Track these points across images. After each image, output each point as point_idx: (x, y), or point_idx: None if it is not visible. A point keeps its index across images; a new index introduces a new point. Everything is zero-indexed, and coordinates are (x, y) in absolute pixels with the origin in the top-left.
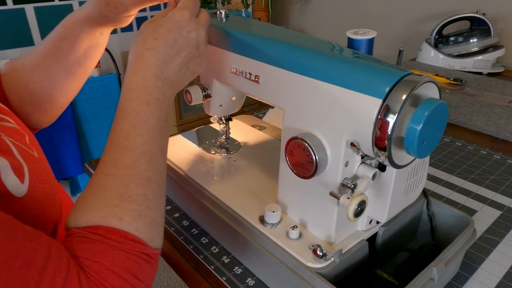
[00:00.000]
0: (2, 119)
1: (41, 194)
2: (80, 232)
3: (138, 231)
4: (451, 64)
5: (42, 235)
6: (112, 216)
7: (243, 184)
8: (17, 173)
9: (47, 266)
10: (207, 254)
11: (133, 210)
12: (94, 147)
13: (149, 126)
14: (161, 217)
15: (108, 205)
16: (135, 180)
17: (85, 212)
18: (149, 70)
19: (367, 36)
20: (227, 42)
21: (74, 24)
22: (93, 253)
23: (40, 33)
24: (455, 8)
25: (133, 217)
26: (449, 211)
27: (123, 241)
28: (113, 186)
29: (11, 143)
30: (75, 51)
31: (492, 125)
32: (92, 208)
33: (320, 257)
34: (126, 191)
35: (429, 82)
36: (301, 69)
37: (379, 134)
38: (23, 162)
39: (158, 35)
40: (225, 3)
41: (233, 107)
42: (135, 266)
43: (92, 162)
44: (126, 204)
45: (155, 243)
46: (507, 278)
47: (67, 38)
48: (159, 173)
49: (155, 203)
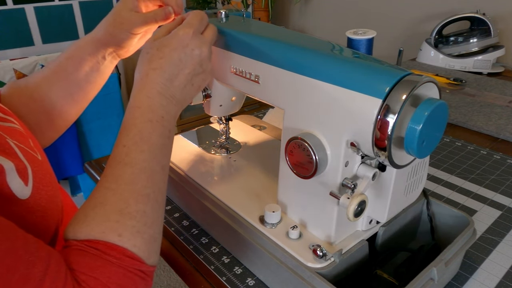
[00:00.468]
0: (7, 120)
1: (44, 196)
2: (79, 245)
3: (136, 248)
4: (451, 64)
5: (42, 246)
6: (112, 231)
7: (243, 184)
8: (22, 175)
9: (44, 280)
10: (207, 254)
11: (132, 226)
12: (94, 147)
13: (151, 143)
14: (158, 234)
15: (108, 220)
16: (135, 197)
17: (84, 225)
18: (154, 88)
19: (367, 36)
20: (227, 42)
21: (81, 45)
22: (91, 268)
23: (40, 33)
24: (455, 8)
25: (132, 234)
26: (449, 211)
27: (121, 257)
28: (113, 201)
29: (16, 145)
30: (77, 72)
31: (492, 125)
32: (92, 222)
33: (320, 257)
34: (126, 207)
35: (429, 82)
36: (301, 69)
37: (379, 134)
38: (28, 164)
39: (163, 54)
40: (225, 3)
41: (233, 107)
42: (131, 284)
43: (92, 162)
44: (125, 220)
45: (151, 260)
46: (507, 278)
47: (72, 58)
48: (158, 190)
49: (153, 220)
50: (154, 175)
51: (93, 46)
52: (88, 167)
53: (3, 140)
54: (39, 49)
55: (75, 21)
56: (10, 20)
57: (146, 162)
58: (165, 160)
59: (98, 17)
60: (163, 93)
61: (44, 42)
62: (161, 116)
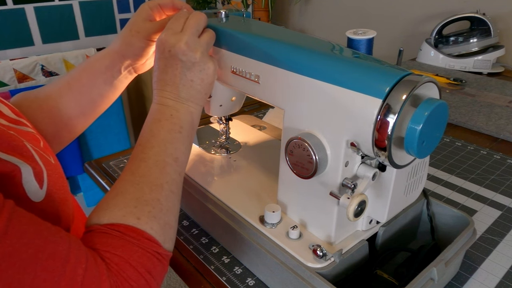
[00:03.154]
0: (21, 123)
1: (57, 199)
2: (102, 228)
3: (153, 231)
4: (451, 64)
5: (61, 230)
6: (131, 215)
7: (243, 184)
8: (38, 178)
9: (69, 257)
10: (207, 254)
11: (148, 211)
12: (94, 147)
13: (160, 139)
14: (174, 222)
15: (128, 206)
16: (149, 187)
17: (108, 211)
18: (160, 96)
19: (367, 36)
20: (227, 42)
21: (98, 58)
22: (114, 247)
23: (40, 33)
24: (455, 8)
25: (149, 217)
26: (449, 211)
27: (140, 238)
28: (131, 190)
29: (32, 148)
30: (90, 84)
31: (492, 125)
32: (114, 208)
33: (320, 257)
34: (142, 195)
35: (429, 82)
36: (301, 69)
37: (379, 134)
38: (43, 167)
39: (155, 67)
40: (225, 3)
41: (233, 107)
42: (149, 263)
43: (92, 162)
44: (142, 206)
45: (167, 245)
46: (507, 278)
47: (87, 70)
48: (172, 180)
49: (168, 208)
50: (166, 167)
51: (110, 58)
52: (88, 167)
53: (21, 143)
54: (39, 49)
55: (75, 21)
56: (10, 20)
57: (157, 156)
58: (178, 152)
59: (98, 17)
60: (168, 96)
61: (44, 42)
62: (169, 114)
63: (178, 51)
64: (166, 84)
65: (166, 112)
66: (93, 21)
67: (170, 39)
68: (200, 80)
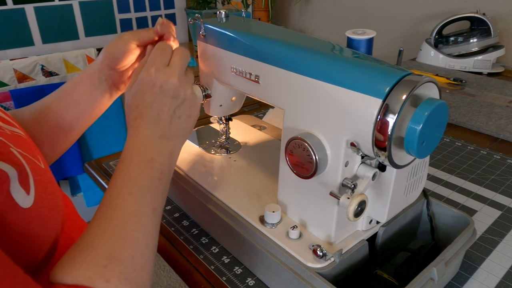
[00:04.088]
0: (10, 123)
1: (46, 205)
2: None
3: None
4: (451, 64)
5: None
6: (99, 277)
7: (243, 184)
8: (23, 184)
9: None
10: (207, 254)
11: (120, 272)
12: (94, 147)
13: (139, 185)
14: (148, 279)
15: (96, 265)
16: (123, 242)
17: (72, 269)
18: (140, 134)
19: (367, 36)
20: (227, 42)
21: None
22: None
23: (40, 33)
24: (455, 8)
25: (120, 280)
26: (449, 211)
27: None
28: (102, 245)
29: (19, 153)
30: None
31: (492, 125)
32: (80, 267)
33: (320, 257)
34: (114, 252)
35: (429, 82)
36: (301, 69)
37: (379, 134)
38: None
39: (137, 102)
40: (225, 3)
41: (233, 107)
42: None
43: (92, 162)
44: (113, 265)
45: None
46: (507, 278)
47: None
48: (148, 234)
49: (142, 265)
50: (144, 218)
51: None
52: (88, 167)
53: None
54: (39, 49)
55: (75, 21)
56: (10, 20)
57: (135, 205)
58: (157, 203)
59: (98, 17)
60: (151, 135)
61: (44, 42)
62: (150, 158)
63: (171, 87)
64: (150, 120)
65: (147, 155)
66: (93, 21)
67: (161, 75)
68: (187, 117)
